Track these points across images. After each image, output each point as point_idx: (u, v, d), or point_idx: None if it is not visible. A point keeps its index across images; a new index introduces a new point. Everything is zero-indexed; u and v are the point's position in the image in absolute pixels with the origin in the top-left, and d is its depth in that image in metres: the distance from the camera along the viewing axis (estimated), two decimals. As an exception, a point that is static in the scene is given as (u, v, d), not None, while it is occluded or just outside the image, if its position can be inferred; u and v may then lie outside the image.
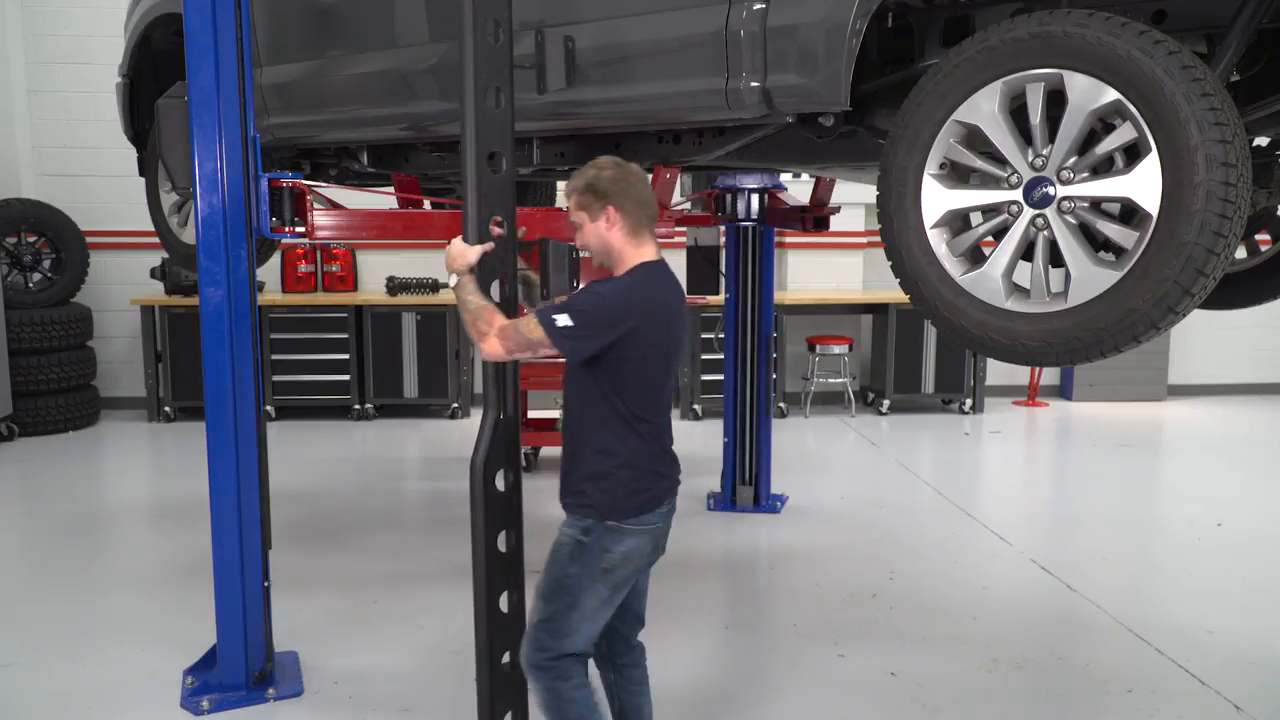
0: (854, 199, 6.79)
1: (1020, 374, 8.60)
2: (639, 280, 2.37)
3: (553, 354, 2.30)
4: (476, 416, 7.97)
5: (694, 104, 2.76)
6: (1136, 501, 5.97)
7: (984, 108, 2.19)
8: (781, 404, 8.09)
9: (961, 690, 3.39)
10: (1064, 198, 2.11)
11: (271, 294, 7.96)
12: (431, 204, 4.75)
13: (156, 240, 4.58)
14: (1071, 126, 2.08)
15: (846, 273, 8.31)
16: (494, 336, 2.33)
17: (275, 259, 7.85)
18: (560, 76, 2.91)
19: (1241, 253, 3.06)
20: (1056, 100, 2.11)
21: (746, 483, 5.52)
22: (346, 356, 7.75)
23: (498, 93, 2.59)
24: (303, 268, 8.06)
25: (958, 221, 2.31)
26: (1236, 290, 3.05)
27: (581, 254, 2.62)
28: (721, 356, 5.75)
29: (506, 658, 2.58)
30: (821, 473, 6.55)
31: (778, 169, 4.51)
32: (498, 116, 2.59)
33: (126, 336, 8.10)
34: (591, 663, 2.52)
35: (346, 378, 7.78)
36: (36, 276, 7.54)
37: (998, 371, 8.40)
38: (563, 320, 2.25)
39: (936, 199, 2.28)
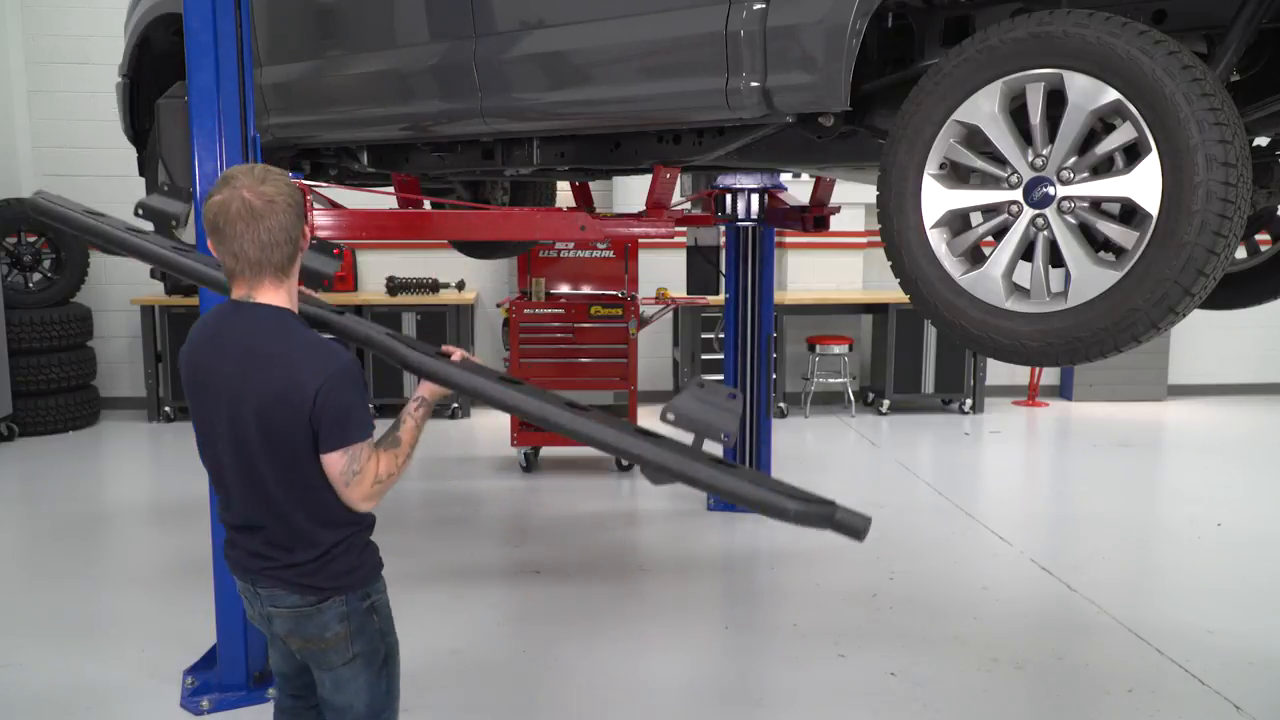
0: (854, 199, 6.79)
1: (1020, 374, 8.60)
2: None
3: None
4: (477, 416, 8.05)
5: (694, 104, 2.75)
6: (1136, 501, 5.97)
7: (984, 108, 2.18)
8: (781, 404, 8.09)
9: (961, 690, 3.39)
10: (1064, 198, 2.11)
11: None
12: (432, 204, 4.76)
13: (156, 240, 4.57)
14: (1071, 126, 2.08)
15: (846, 273, 8.31)
16: None
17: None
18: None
19: (1241, 253, 3.06)
20: (1056, 100, 2.10)
21: (746, 483, 5.51)
22: (346, 356, 7.73)
23: None
24: (303, 268, 8.05)
25: (958, 221, 2.30)
26: (1236, 290, 3.05)
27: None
28: (721, 356, 5.75)
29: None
30: (821, 472, 6.55)
31: (778, 169, 4.51)
32: None
33: (126, 336, 8.10)
34: None
35: (346, 378, 7.75)
36: (36, 276, 7.54)
37: (998, 371, 8.40)
38: None
39: (936, 199, 2.28)
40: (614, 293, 6.53)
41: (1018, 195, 2.18)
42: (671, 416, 2.02)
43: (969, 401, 8.15)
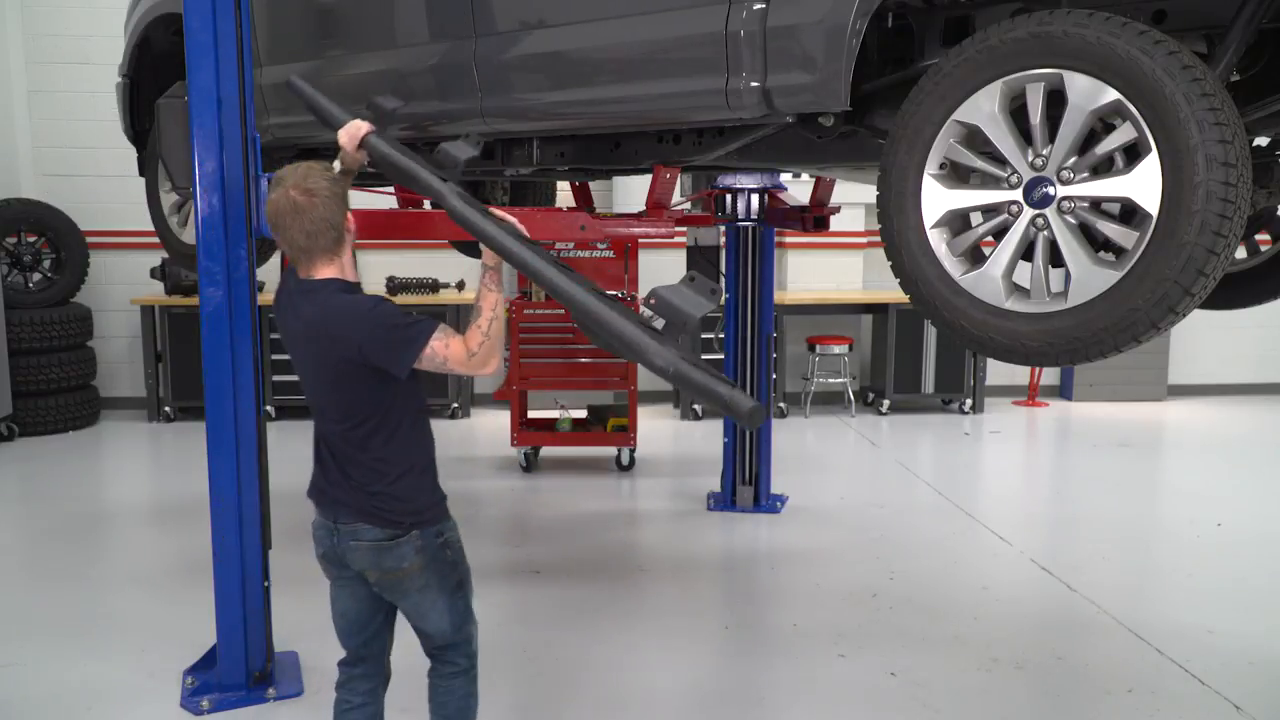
0: (854, 199, 6.79)
1: (1020, 374, 8.60)
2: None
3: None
4: (477, 416, 8.05)
5: (694, 104, 2.75)
6: (1136, 501, 5.97)
7: (984, 108, 2.18)
8: (781, 404, 8.09)
9: (961, 690, 3.39)
10: (1064, 198, 2.11)
11: (271, 294, 7.95)
12: (431, 204, 4.75)
13: (156, 240, 4.58)
14: (1071, 126, 2.07)
15: (846, 273, 8.31)
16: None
17: (275, 259, 7.82)
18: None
19: (1241, 253, 3.06)
20: (1056, 100, 2.10)
21: (746, 483, 5.53)
22: (347, 356, 7.73)
23: None
24: (303, 267, 8.05)
25: (958, 221, 2.30)
26: (1236, 290, 3.05)
27: None
28: (721, 356, 5.75)
29: None
30: (821, 473, 6.55)
31: (778, 169, 4.51)
32: None
33: (126, 336, 8.10)
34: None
35: (346, 378, 7.75)
36: (36, 276, 7.54)
37: (998, 371, 8.40)
38: None
39: (936, 199, 2.28)
40: (614, 293, 6.52)
41: (1018, 195, 2.17)
42: (653, 300, 2.17)
43: (969, 401, 8.16)
